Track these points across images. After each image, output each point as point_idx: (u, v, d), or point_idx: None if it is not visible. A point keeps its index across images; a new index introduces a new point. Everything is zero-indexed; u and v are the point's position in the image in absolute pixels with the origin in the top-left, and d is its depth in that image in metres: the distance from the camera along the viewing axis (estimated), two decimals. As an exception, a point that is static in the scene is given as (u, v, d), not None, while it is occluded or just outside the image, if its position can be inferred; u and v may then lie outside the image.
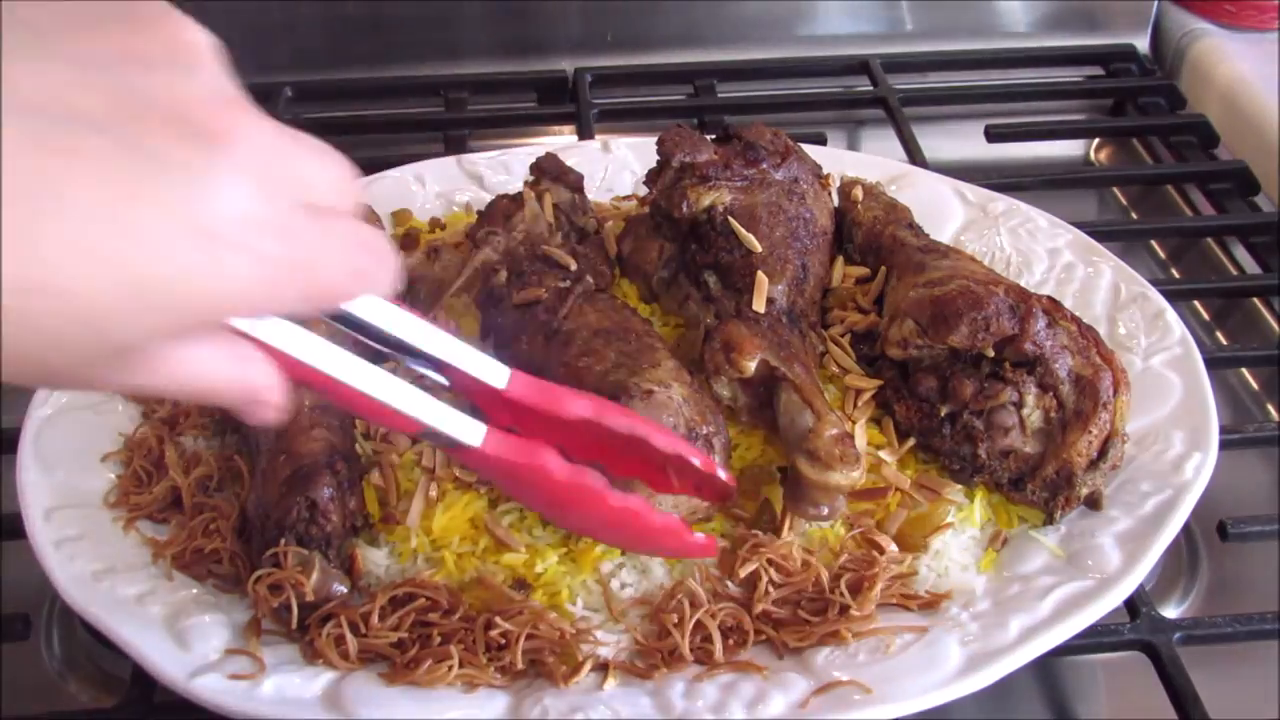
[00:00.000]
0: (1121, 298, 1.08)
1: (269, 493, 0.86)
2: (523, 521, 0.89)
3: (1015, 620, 0.82)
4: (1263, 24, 1.55)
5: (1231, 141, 1.43)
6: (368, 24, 1.52)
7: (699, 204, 1.04)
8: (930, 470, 0.95)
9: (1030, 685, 0.92)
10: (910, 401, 0.95)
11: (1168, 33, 1.60)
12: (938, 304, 0.94)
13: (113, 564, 0.87)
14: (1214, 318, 1.29)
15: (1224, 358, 1.16)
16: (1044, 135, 1.50)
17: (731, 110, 1.47)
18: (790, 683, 0.79)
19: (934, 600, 0.85)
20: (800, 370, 0.92)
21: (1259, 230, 1.30)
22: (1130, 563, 0.85)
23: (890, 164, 1.26)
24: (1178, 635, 0.88)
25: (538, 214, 1.09)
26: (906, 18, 1.59)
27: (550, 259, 1.03)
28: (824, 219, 1.08)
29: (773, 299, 0.98)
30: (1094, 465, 0.90)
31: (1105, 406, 0.90)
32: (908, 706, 0.78)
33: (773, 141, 1.09)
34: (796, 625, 0.83)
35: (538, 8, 1.53)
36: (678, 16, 1.55)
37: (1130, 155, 1.53)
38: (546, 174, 1.12)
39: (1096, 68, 1.60)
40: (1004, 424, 0.92)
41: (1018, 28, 1.60)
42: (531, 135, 1.50)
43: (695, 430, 0.86)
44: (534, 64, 1.55)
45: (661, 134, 1.08)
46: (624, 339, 0.92)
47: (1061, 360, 0.91)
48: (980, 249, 1.13)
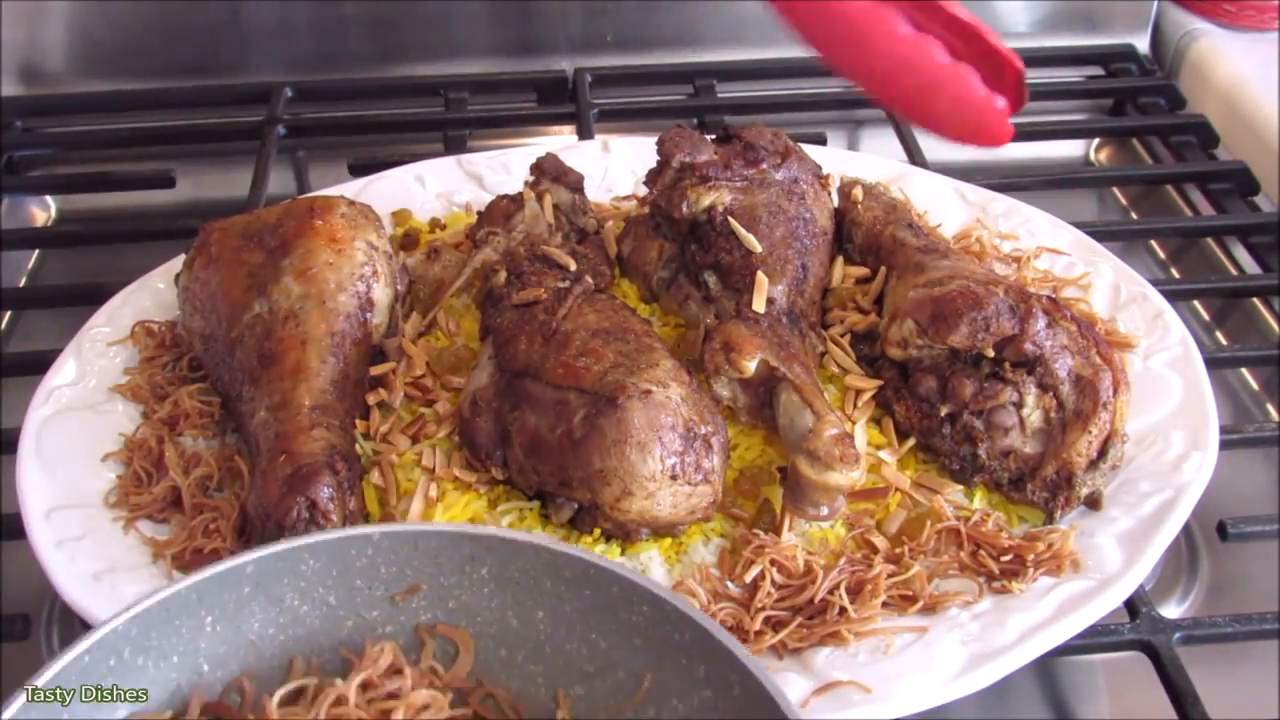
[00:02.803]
0: (1121, 298, 1.08)
1: (269, 493, 0.86)
2: (522, 522, 0.89)
3: (1015, 620, 0.82)
4: (1263, 24, 1.55)
5: (1231, 141, 1.43)
6: (368, 24, 1.52)
7: (699, 204, 1.04)
8: (930, 470, 0.95)
9: (1030, 685, 0.92)
10: (910, 401, 0.95)
11: (1167, 33, 1.60)
12: (938, 304, 0.94)
13: (113, 564, 0.87)
14: (1214, 318, 1.29)
15: (1224, 358, 1.16)
16: (1044, 135, 1.50)
17: (731, 110, 1.47)
18: (790, 683, 0.79)
19: (934, 600, 0.85)
20: (800, 370, 0.92)
21: (1259, 230, 1.30)
22: (1130, 563, 0.85)
23: (890, 164, 1.26)
24: (1178, 635, 0.88)
25: (538, 214, 1.09)
26: (906, 18, 1.59)
27: (550, 259, 1.03)
28: (824, 219, 1.08)
29: (773, 299, 0.98)
30: (1094, 465, 0.90)
31: (1105, 407, 0.90)
32: (908, 706, 0.78)
33: (773, 142, 1.09)
34: (797, 626, 0.83)
35: (538, 8, 1.53)
36: (678, 16, 1.55)
37: (1130, 155, 1.53)
38: (546, 174, 1.12)
39: (1096, 68, 1.60)
40: (1004, 424, 0.92)
41: (1018, 28, 1.60)
42: (531, 135, 1.50)
43: (694, 430, 0.86)
44: (534, 64, 1.55)
45: (661, 134, 1.08)
46: (623, 339, 0.92)
47: (1061, 360, 0.91)
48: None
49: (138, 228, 1.31)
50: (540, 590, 0.77)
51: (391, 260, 1.03)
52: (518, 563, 0.76)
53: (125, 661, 0.70)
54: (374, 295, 0.99)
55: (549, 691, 0.77)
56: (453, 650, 0.78)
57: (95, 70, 1.47)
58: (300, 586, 0.76)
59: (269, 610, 0.75)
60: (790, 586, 0.85)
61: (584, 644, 0.76)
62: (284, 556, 0.75)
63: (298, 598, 0.76)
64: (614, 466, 0.84)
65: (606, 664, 0.76)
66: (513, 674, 0.77)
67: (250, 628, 0.75)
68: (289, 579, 0.75)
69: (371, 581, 0.77)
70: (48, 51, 1.21)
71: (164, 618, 0.71)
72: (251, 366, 0.94)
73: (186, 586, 0.71)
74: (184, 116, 1.47)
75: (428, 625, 0.78)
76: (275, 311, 0.96)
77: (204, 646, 0.74)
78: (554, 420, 0.87)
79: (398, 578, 0.77)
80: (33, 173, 1.47)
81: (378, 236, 1.03)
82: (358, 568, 0.77)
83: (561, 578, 0.76)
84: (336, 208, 1.02)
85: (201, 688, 0.74)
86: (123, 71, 1.46)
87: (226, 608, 0.74)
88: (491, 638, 0.78)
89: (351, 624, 0.77)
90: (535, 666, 0.77)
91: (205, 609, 0.73)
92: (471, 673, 0.77)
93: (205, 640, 0.74)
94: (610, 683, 0.75)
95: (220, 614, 0.74)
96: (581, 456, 0.85)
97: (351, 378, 0.96)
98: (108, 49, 1.47)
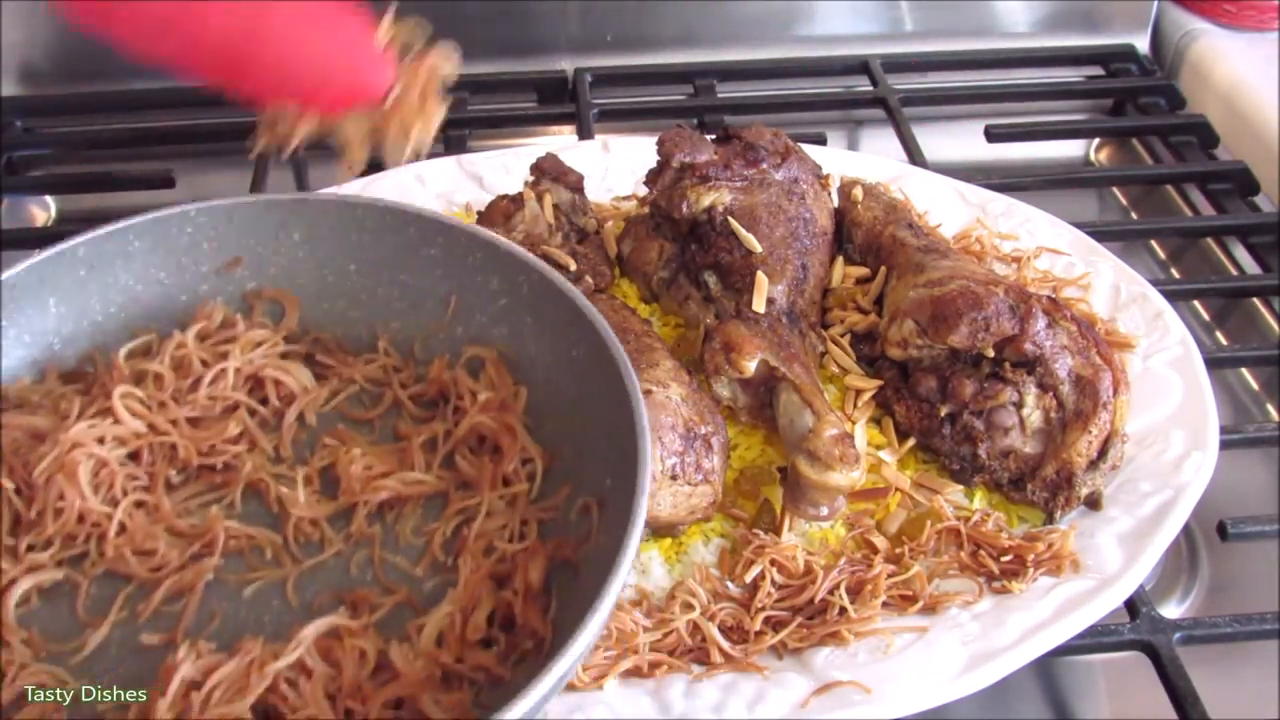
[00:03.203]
0: (1121, 298, 1.08)
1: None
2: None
3: (1015, 620, 0.82)
4: (1263, 24, 1.55)
5: (1231, 141, 1.43)
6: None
7: (699, 204, 1.04)
8: (930, 470, 0.95)
9: (1030, 685, 0.92)
10: (910, 401, 0.96)
11: (1167, 33, 1.60)
12: (938, 304, 0.94)
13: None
14: (1214, 318, 1.29)
15: (1224, 358, 1.16)
16: (1044, 135, 1.50)
17: (731, 110, 1.47)
18: (790, 683, 0.79)
19: (934, 601, 0.85)
20: (800, 370, 0.92)
21: (1259, 230, 1.30)
22: (1130, 563, 0.85)
23: (890, 164, 1.26)
24: (1178, 635, 0.88)
25: (538, 214, 1.09)
26: (906, 18, 1.59)
27: (550, 259, 1.03)
28: (824, 219, 1.08)
29: (773, 299, 0.98)
30: (1094, 465, 0.90)
31: (1105, 407, 0.90)
32: (908, 706, 0.78)
33: (773, 142, 1.09)
34: (797, 626, 0.83)
35: (538, 8, 1.53)
36: (677, 16, 1.55)
37: (1130, 155, 1.53)
38: (546, 174, 1.12)
39: (1096, 68, 1.60)
40: (1004, 424, 0.92)
41: (1018, 28, 1.60)
42: (531, 135, 1.50)
43: (694, 430, 0.86)
44: (534, 64, 1.55)
45: (661, 134, 1.08)
46: (623, 339, 0.91)
47: (1061, 360, 0.91)
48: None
49: (138, 228, 1.31)
50: (348, 244, 0.88)
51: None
52: (324, 222, 0.87)
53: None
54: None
55: (369, 330, 0.88)
56: (280, 311, 0.88)
57: (96, 70, 1.46)
58: (133, 268, 0.86)
59: (106, 290, 0.85)
60: (790, 586, 0.85)
61: (394, 285, 0.88)
62: (110, 238, 0.84)
63: (131, 278, 0.86)
64: (614, 466, 0.84)
65: (417, 297, 0.87)
66: (336, 322, 0.89)
67: (93, 308, 0.85)
68: (120, 260, 0.85)
69: (197, 258, 0.87)
70: (48, 51, 1.21)
71: (10, 297, 0.81)
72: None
73: (24, 269, 0.81)
74: (184, 116, 1.47)
75: (254, 291, 0.88)
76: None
77: (51, 325, 0.84)
78: (554, 420, 0.87)
79: (219, 251, 0.87)
80: (33, 173, 1.47)
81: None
82: (181, 245, 0.86)
83: (365, 229, 0.87)
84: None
85: (55, 360, 0.84)
86: (123, 72, 1.46)
87: (68, 289, 0.84)
88: (313, 295, 0.88)
89: (185, 299, 0.87)
90: (356, 313, 0.88)
91: (47, 291, 0.83)
92: (299, 326, 0.88)
93: (52, 320, 0.84)
94: (422, 313, 0.87)
95: (62, 296, 0.84)
96: (581, 456, 0.85)
97: (351, 377, 0.96)
98: (108, 49, 1.46)
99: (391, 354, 0.88)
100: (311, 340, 0.88)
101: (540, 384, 0.83)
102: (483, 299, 0.86)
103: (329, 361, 0.87)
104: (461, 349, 0.86)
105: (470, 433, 0.82)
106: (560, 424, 0.81)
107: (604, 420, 0.76)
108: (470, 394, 0.84)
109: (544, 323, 0.83)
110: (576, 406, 0.80)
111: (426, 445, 0.83)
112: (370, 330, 0.89)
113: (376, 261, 0.88)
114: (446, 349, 0.87)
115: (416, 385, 0.86)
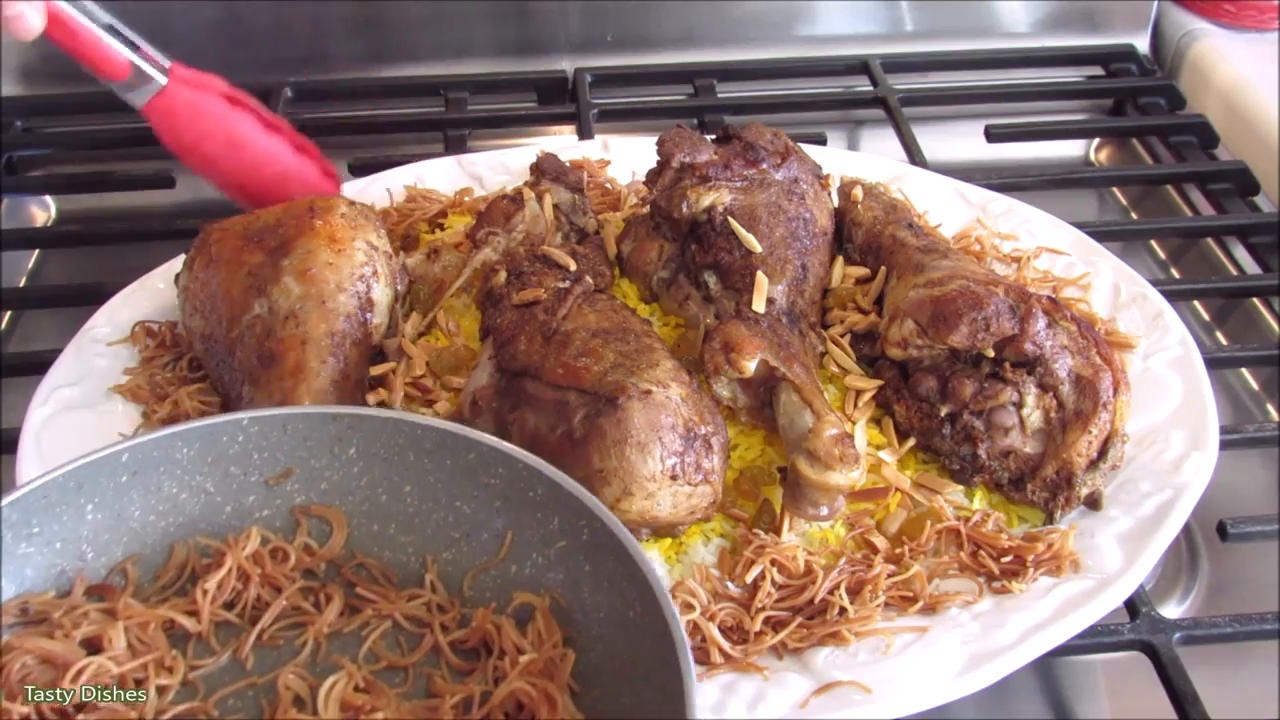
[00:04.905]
0: (1121, 298, 1.08)
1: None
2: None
3: (1015, 620, 0.82)
4: (1263, 24, 1.55)
5: (1231, 141, 1.43)
6: (368, 24, 1.52)
7: (699, 204, 1.04)
8: (930, 470, 0.95)
9: (1030, 685, 0.92)
10: (910, 401, 0.95)
11: (1167, 33, 1.60)
12: (938, 304, 0.94)
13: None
14: (1214, 318, 1.29)
15: (1224, 358, 1.16)
16: (1044, 135, 1.50)
17: (731, 110, 1.47)
18: (790, 683, 0.79)
19: (934, 601, 0.85)
20: (800, 370, 0.92)
21: (1259, 230, 1.30)
22: (1130, 563, 0.85)
23: (890, 164, 1.26)
24: (1178, 635, 0.88)
25: (538, 214, 1.09)
26: (906, 18, 1.59)
27: (550, 259, 1.03)
28: (824, 219, 1.08)
29: (773, 299, 0.98)
30: (1094, 465, 0.90)
31: (1105, 407, 0.90)
32: (908, 706, 0.78)
33: (773, 142, 1.09)
34: (797, 626, 0.83)
35: (538, 8, 1.53)
36: (678, 16, 1.55)
37: (1130, 155, 1.53)
38: (546, 174, 1.12)
39: (1096, 68, 1.60)
40: (1004, 424, 0.92)
41: (1018, 28, 1.60)
42: (531, 135, 1.50)
43: (694, 430, 0.86)
44: (534, 64, 1.55)
45: (661, 134, 1.08)
46: (623, 339, 0.92)
47: (1061, 360, 0.91)
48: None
49: (138, 228, 1.31)
50: (405, 464, 0.82)
51: (391, 260, 1.03)
52: (381, 439, 0.82)
53: (7, 546, 0.74)
54: (374, 295, 0.99)
55: (419, 558, 0.82)
56: (328, 529, 0.83)
57: (95, 70, 1.46)
58: (177, 474, 0.80)
59: (148, 498, 0.80)
60: (790, 586, 0.85)
61: (450, 512, 0.82)
62: (159, 445, 0.79)
63: (175, 485, 0.81)
64: (614, 466, 0.84)
65: (472, 528, 0.81)
66: (385, 545, 0.83)
67: (131, 515, 0.80)
68: (165, 467, 0.80)
69: (246, 468, 0.82)
70: (48, 51, 1.21)
71: (44, 505, 0.75)
72: (251, 367, 0.94)
73: (64, 474, 0.76)
74: (184, 116, 1.47)
75: (302, 507, 0.83)
76: (275, 312, 0.96)
77: (86, 533, 0.78)
78: (554, 420, 0.87)
79: (270, 463, 0.82)
80: (33, 173, 1.47)
81: (378, 236, 1.03)
82: (231, 454, 0.81)
83: (424, 450, 0.82)
84: (336, 208, 1.02)
85: (85, 571, 0.78)
86: (123, 71, 1.46)
87: (106, 495, 0.78)
88: (364, 514, 0.83)
89: (230, 510, 0.82)
90: (406, 537, 0.83)
91: (85, 497, 0.78)
92: (346, 547, 0.82)
93: (87, 527, 0.78)
94: (476, 545, 0.81)
95: (100, 502, 0.78)
96: (581, 456, 0.85)
97: (351, 378, 0.96)
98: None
99: (439, 589, 0.81)
100: (355, 565, 0.83)
101: (593, 640, 0.76)
102: (540, 538, 0.79)
103: (370, 596, 0.81)
104: (512, 594, 0.80)
105: (508, 697, 0.75)
106: (608, 692, 0.74)
107: (652, 700, 0.70)
108: (515, 649, 0.77)
109: (601, 574, 0.76)
110: (627, 674, 0.73)
111: (460, 706, 0.75)
112: (420, 558, 0.82)
113: (434, 485, 0.82)
114: (498, 587, 0.80)
115: (459, 630, 0.79)
